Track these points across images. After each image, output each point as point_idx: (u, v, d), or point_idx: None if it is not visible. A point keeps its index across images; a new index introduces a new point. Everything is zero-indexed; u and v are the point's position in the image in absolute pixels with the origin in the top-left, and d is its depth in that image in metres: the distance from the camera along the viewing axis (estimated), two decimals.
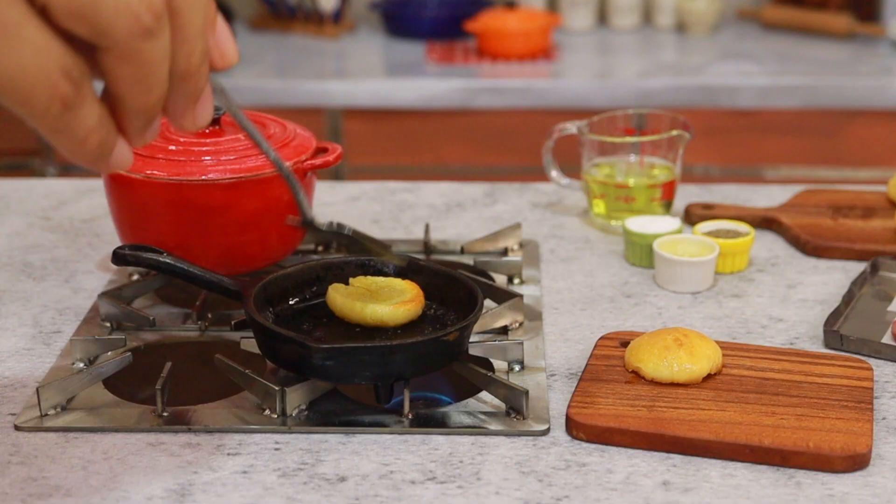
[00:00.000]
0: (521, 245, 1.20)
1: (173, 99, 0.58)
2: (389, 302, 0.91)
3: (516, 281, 1.12)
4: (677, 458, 0.83)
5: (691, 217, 1.26)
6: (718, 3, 2.47)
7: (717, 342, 0.93)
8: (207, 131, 1.06)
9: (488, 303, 1.01)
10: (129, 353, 0.94)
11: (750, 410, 0.86)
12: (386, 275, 0.97)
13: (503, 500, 0.78)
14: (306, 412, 0.88)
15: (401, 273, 0.97)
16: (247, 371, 0.89)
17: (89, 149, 0.55)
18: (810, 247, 1.18)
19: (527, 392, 0.87)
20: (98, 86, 0.56)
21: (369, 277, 0.96)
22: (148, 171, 1.01)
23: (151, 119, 0.57)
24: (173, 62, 0.55)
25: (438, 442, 0.85)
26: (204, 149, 1.03)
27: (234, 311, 1.04)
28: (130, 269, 1.11)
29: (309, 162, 1.05)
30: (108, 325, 1.02)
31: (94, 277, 1.13)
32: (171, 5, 0.53)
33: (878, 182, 1.49)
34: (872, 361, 0.96)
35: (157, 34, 0.53)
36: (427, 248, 1.18)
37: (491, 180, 1.46)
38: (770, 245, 1.21)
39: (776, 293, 1.10)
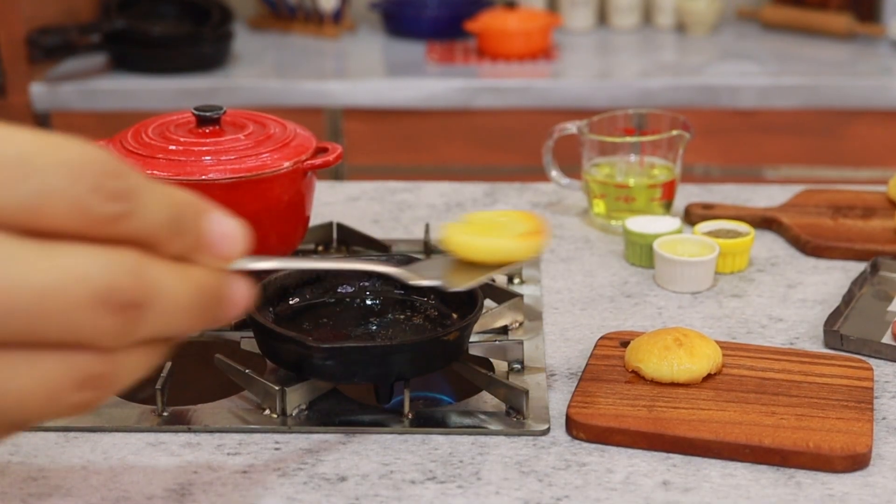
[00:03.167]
0: None
1: None
2: (514, 236, 0.81)
3: (516, 281, 1.12)
4: (677, 458, 0.82)
5: (691, 217, 1.26)
6: (718, 3, 2.47)
7: (717, 342, 0.93)
8: (207, 131, 1.06)
9: (488, 303, 1.01)
10: None
11: (750, 410, 0.86)
12: (384, 274, 0.97)
13: (503, 500, 0.78)
14: (306, 412, 0.88)
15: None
16: (247, 371, 0.89)
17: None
18: (810, 247, 1.18)
19: (527, 392, 0.87)
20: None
21: (481, 213, 0.86)
22: (148, 172, 1.01)
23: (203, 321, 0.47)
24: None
25: (438, 442, 0.85)
26: (204, 149, 1.03)
27: None
28: None
29: (309, 162, 1.05)
30: None
31: None
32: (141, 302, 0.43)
33: (878, 182, 1.49)
34: (872, 361, 0.96)
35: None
36: (427, 248, 1.18)
37: (491, 180, 1.46)
38: (770, 245, 1.21)
39: (776, 293, 1.10)
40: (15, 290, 0.39)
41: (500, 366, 0.95)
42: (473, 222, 0.82)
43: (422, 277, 0.76)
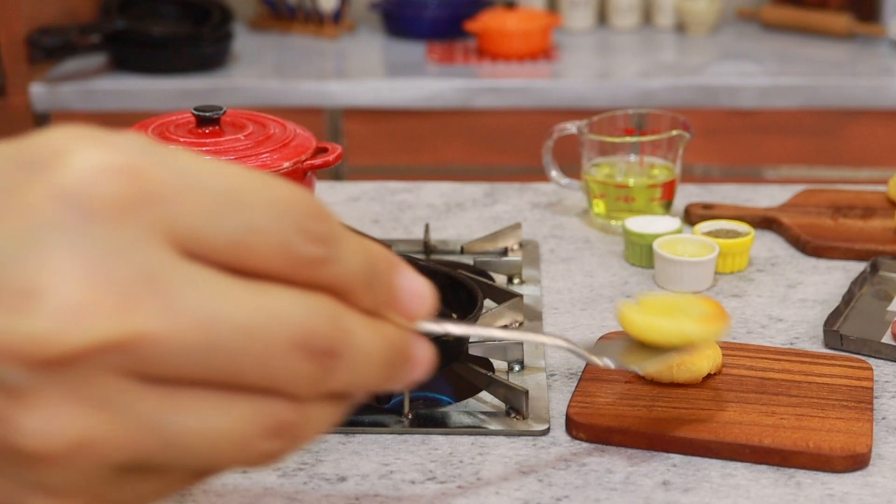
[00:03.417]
0: (521, 245, 1.20)
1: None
2: (695, 319, 0.77)
3: (516, 281, 1.12)
4: (677, 458, 0.82)
5: (691, 217, 1.26)
6: (718, 3, 2.47)
7: (717, 342, 0.93)
8: (207, 131, 1.06)
9: (488, 303, 1.01)
10: None
11: (750, 410, 0.86)
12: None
13: (503, 500, 0.78)
14: None
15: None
16: None
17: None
18: (810, 247, 1.18)
19: (527, 392, 0.87)
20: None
21: (654, 295, 0.83)
22: None
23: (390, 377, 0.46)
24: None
25: (438, 442, 0.85)
26: (204, 149, 1.03)
27: None
28: None
29: (309, 162, 1.05)
30: None
31: None
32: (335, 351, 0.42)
33: (878, 182, 1.49)
34: (872, 361, 0.95)
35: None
36: (427, 248, 1.18)
37: (491, 180, 1.46)
38: (770, 245, 1.21)
39: (776, 293, 1.10)
40: (218, 326, 0.38)
41: (500, 366, 0.95)
42: (649, 304, 0.79)
43: (598, 355, 0.75)
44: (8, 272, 0.35)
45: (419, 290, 0.47)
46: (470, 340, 0.93)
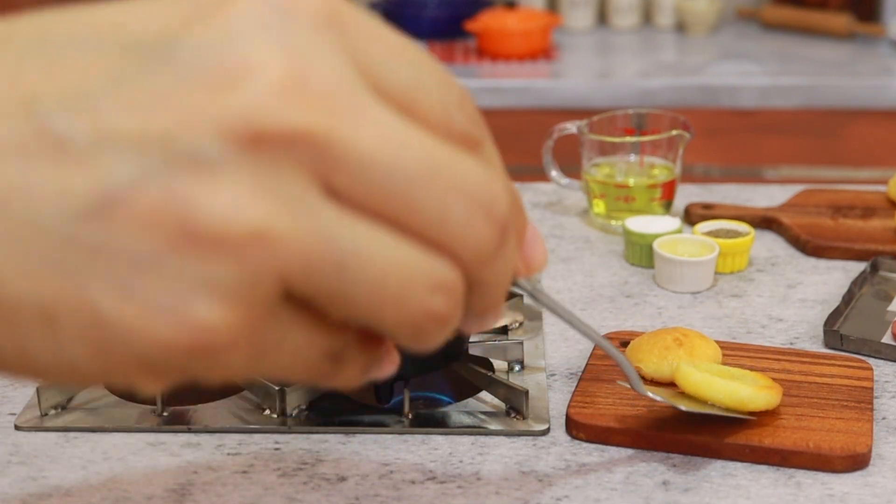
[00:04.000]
0: None
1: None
2: (749, 384, 0.82)
3: None
4: (677, 458, 0.82)
5: (691, 217, 1.26)
6: (718, 3, 2.47)
7: (717, 342, 0.93)
8: None
9: None
10: None
11: None
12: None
13: (503, 500, 0.78)
14: (306, 412, 0.88)
15: None
16: None
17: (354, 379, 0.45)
18: (810, 247, 1.18)
19: (527, 392, 0.87)
20: None
21: (712, 365, 0.88)
22: None
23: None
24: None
25: (438, 442, 0.85)
26: None
27: None
28: None
29: None
30: None
31: None
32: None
33: (878, 182, 1.49)
34: (872, 361, 0.96)
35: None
36: None
37: None
38: (770, 245, 1.21)
39: (776, 293, 1.10)
40: (406, 150, 0.37)
41: (500, 366, 0.95)
42: (704, 367, 0.84)
43: (652, 392, 0.81)
44: (218, 54, 0.36)
45: (541, 245, 0.47)
46: (471, 339, 0.93)
